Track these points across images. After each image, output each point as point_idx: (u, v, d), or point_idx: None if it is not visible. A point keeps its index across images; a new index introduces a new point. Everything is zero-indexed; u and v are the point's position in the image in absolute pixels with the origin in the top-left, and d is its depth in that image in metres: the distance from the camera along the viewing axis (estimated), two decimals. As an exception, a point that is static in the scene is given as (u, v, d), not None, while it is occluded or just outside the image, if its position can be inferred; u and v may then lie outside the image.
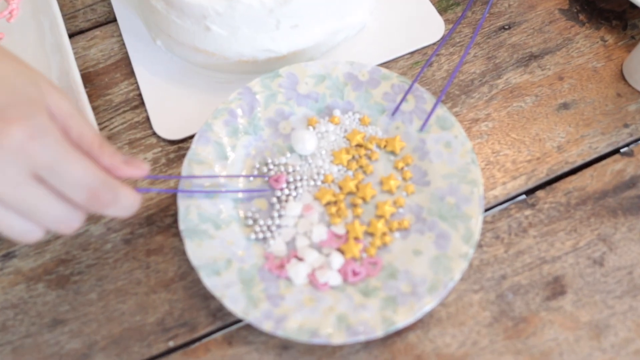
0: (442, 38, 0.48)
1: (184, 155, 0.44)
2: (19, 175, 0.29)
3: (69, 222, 0.32)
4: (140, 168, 0.34)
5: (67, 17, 0.51)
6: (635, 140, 0.45)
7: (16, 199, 0.30)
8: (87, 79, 0.48)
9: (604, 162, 0.44)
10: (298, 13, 0.42)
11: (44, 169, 0.29)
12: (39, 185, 0.30)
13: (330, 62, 0.44)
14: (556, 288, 0.40)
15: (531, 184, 0.43)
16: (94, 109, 0.47)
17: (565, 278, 0.40)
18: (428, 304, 0.37)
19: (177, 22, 0.44)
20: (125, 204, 0.32)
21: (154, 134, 0.45)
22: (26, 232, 0.31)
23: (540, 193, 0.43)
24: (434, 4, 0.50)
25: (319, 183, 0.42)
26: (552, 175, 0.43)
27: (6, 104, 0.29)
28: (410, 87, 0.43)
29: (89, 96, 0.47)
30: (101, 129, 0.46)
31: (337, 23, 0.46)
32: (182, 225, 0.39)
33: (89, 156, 0.32)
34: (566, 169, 0.44)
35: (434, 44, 0.48)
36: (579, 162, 0.44)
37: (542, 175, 0.43)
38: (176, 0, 0.42)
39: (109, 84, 0.48)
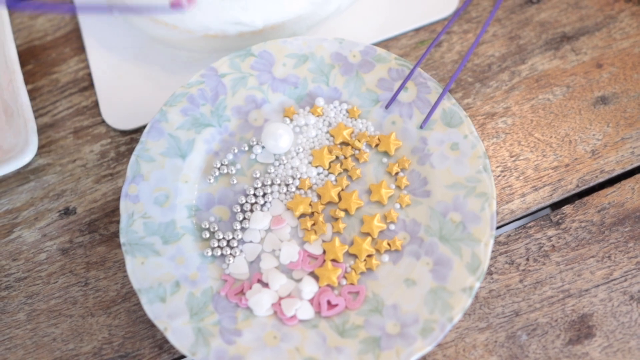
0: (455, 12, 0.39)
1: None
2: None
3: None
4: None
5: (15, -21, 0.43)
6: (690, 145, 0.35)
7: None
8: (32, 53, 0.40)
9: (648, 171, 0.35)
10: (274, -24, 0.33)
11: None
12: None
13: (314, 39, 0.35)
14: (582, 330, 0.31)
15: (557, 197, 0.34)
16: (37, 90, 0.38)
17: (593, 317, 0.31)
18: (419, 351, 0.28)
19: (132, -14, 0.36)
20: None
21: (103, 122, 0.37)
22: None
23: (567, 209, 0.34)
24: (446, -30, 0.40)
25: (293, 189, 0.33)
26: (584, 187, 0.34)
27: None
28: (412, 72, 0.34)
29: (32, 74, 0.39)
30: (43, 115, 0.38)
31: (324, -9, 0.36)
32: (123, 238, 0.31)
33: None
34: (601, 179, 0.34)
35: (444, 19, 0.39)
36: (618, 171, 0.35)
37: (571, 187, 0.34)
38: (126, -42, 0.33)
39: (56, 60, 0.39)
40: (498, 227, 0.34)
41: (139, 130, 0.37)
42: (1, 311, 0.33)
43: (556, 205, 0.34)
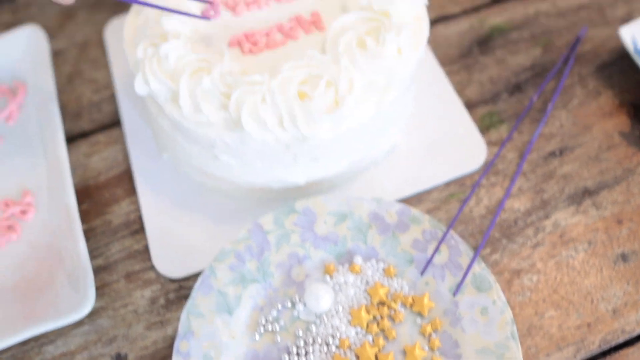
0: (485, 165, 0.41)
1: (185, 297, 0.39)
2: None
3: None
4: None
5: (71, 116, 0.46)
6: None
7: None
8: (87, 193, 0.43)
9: (668, 329, 0.37)
10: (319, 148, 0.36)
11: None
12: None
13: (353, 199, 0.38)
14: None
15: (580, 357, 0.36)
16: (91, 230, 0.41)
17: None
18: None
19: (184, 144, 0.39)
20: None
21: (153, 267, 0.40)
22: None
23: (591, 368, 0.36)
24: (475, 121, 0.43)
25: (333, 348, 0.35)
26: (606, 347, 0.36)
27: None
28: (444, 236, 0.37)
29: (87, 214, 0.42)
30: (97, 256, 0.40)
31: (363, 152, 0.39)
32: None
33: None
34: (622, 339, 0.36)
35: (473, 172, 0.41)
36: (638, 331, 0.37)
37: (593, 347, 0.36)
38: (181, 125, 0.36)
39: (109, 200, 0.42)
40: (525, 384, 0.36)
41: (188, 279, 0.39)
42: None
43: (580, 365, 0.36)
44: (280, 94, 0.34)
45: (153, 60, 0.36)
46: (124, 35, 0.40)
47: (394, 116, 0.39)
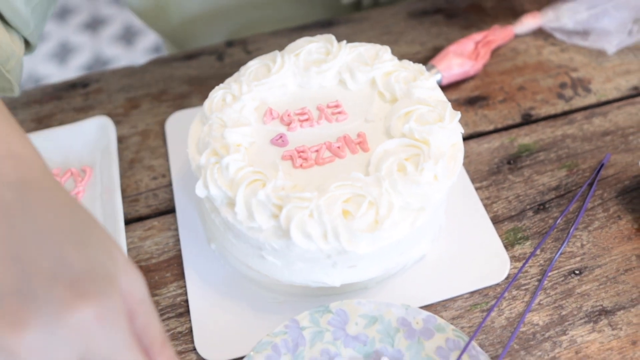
0: (507, 280, 0.48)
1: (223, 382, 0.46)
2: (66, 357, 0.28)
3: None
4: None
5: (129, 200, 0.55)
6: None
7: None
8: (139, 274, 0.51)
9: None
10: (356, 258, 0.44)
11: (96, 358, 0.29)
12: None
13: (383, 304, 0.45)
14: None
15: None
16: (141, 309, 0.49)
17: None
18: None
19: (233, 241, 0.46)
20: None
21: (194, 349, 0.47)
22: None
23: None
24: (500, 236, 0.50)
25: None
26: None
27: (82, 273, 0.29)
28: (466, 347, 0.43)
29: (138, 294, 0.50)
30: (144, 334, 0.48)
31: (395, 260, 0.46)
32: None
33: (147, 354, 0.30)
34: None
35: (496, 285, 0.48)
36: None
37: None
38: (234, 227, 0.44)
39: (159, 283, 0.50)
40: None
41: (226, 362, 0.46)
42: None
43: None
44: (326, 211, 0.42)
45: (214, 169, 0.45)
46: (188, 141, 0.49)
47: (426, 230, 0.47)
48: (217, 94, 0.50)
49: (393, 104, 0.49)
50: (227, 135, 0.46)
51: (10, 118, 0.35)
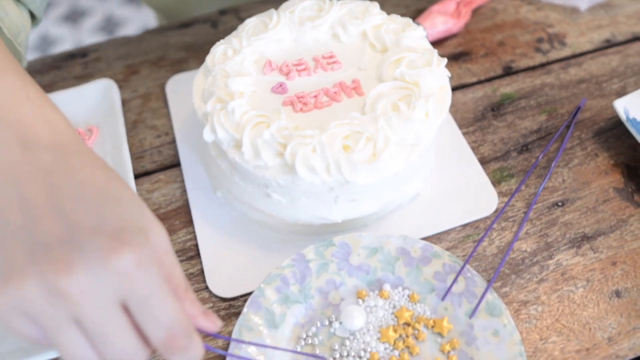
0: (496, 212, 0.52)
1: (234, 314, 0.49)
2: (109, 298, 0.31)
3: (132, 359, 0.33)
4: (214, 323, 0.37)
5: (135, 157, 0.58)
6: (690, 338, 0.47)
7: (96, 322, 0.31)
8: (148, 223, 0.54)
9: (656, 358, 0.46)
10: (357, 190, 0.47)
11: (136, 300, 0.32)
12: (122, 314, 0.32)
13: (383, 236, 0.49)
14: None
15: (579, 378, 0.46)
16: (152, 255, 0.52)
17: None
18: None
19: (239, 183, 0.50)
20: (194, 354, 0.34)
21: (207, 288, 0.50)
22: None
23: (588, 389, 0.45)
24: (488, 175, 0.55)
25: (365, 361, 0.45)
26: (602, 370, 0.46)
27: (120, 226, 0.32)
28: (461, 269, 0.47)
29: (148, 241, 0.53)
30: (157, 277, 0.51)
31: (392, 196, 0.50)
32: (228, 396, 0.43)
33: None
34: (617, 364, 0.46)
35: (486, 217, 0.52)
36: (631, 356, 0.46)
37: (591, 370, 0.46)
38: (240, 167, 0.48)
39: (169, 230, 0.53)
40: (531, 401, 0.45)
41: (236, 298, 0.49)
42: None
43: (579, 386, 0.46)
44: (328, 146, 0.46)
45: (220, 114, 0.48)
46: (193, 92, 0.52)
47: (419, 167, 0.51)
48: (219, 48, 0.53)
49: (384, 54, 0.53)
50: (230, 84, 0.50)
51: (37, 86, 0.38)
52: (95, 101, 0.59)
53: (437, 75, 0.51)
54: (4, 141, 0.34)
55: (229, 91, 0.50)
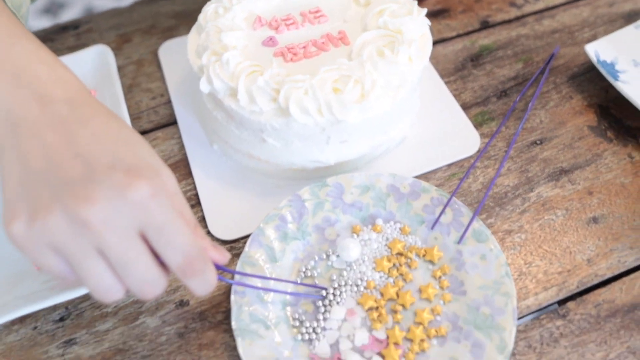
0: (479, 152, 0.56)
1: (236, 255, 0.51)
2: (129, 227, 0.34)
3: (153, 285, 0.36)
4: (223, 255, 0.40)
5: (132, 118, 0.60)
6: (663, 256, 0.50)
7: (118, 251, 0.34)
8: (149, 177, 0.56)
9: (632, 275, 0.50)
10: (347, 131, 0.50)
11: (154, 228, 0.34)
12: (142, 243, 0.35)
13: (374, 174, 0.52)
14: (587, 400, 0.45)
15: (562, 295, 0.49)
16: (154, 206, 0.54)
17: (596, 391, 0.45)
18: (464, 412, 0.42)
19: (235, 131, 0.53)
20: (209, 278, 0.37)
21: (209, 233, 0.53)
22: (110, 289, 0.35)
23: (571, 304, 0.49)
24: (470, 119, 0.58)
25: (362, 289, 0.48)
26: (583, 287, 0.49)
27: (134, 164, 0.35)
28: (448, 201, 0.50)
29: (150, 194, 0.55)
30: (160, 226, 0.53)
31: (381, 137, 0.53)
32: (234, 325, 0.46)
33: None
34: (596, 281, 0.49)
35: (470, 157, 0.56)
36: (608, 275, 0.50)
37: (572, 287, 0.49)
38: (236, 114, 0.50)
39: (169, 183, 0.56)
40: (518, 319, 0.48)
41: (237, 240, 0.52)
42: (132, 383, 0.47)
43: (562, 302, 0.49)
44: (319, 89, 0.49)
45: (215, 65, 0.51)
46: (187, 48, 0.55)
47: (404, 110, 0.54)
48: (210, 7, 0.56)
49: (367, 7, 0.56)
50: (223, 38, 0.52)
51: (48, 50, 0.41)
52: (91, 67, 0.61)
53: (418, 24, 0.54)
54: (23, 98, 0.37)
55: (222, 44, 0.52)
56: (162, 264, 0.37)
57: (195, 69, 0.53)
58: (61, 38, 0.68)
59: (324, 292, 0.48)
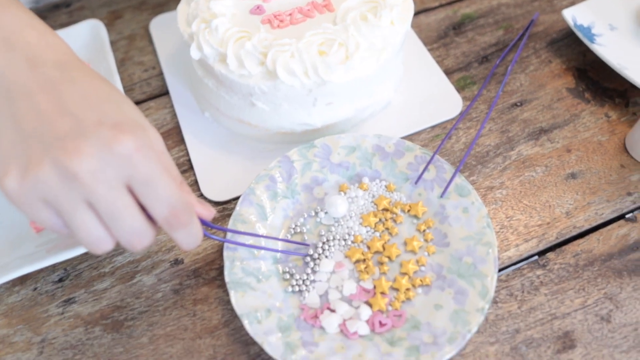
0: (460, 114, 0.58)
1: (228, 215, 0.53)
2: (116, 179, 0.35)
3: (141, 236, 0.37)
4: (209, 210, 0.42)
5: (126, 90, 0.62)
6: (639, 208, 0.52)
7: (106, 202, 0.35)
8: (142, 145, 0.58)
9: (609, 227, 0.52)
10: (333, 92, 0.52)
11: (139, 181, 0.35)
12: (129, 195, 0.36)
13: (359, 135, 0.54)
14: (566, 342, 0.47)
15: (542, 247, 0.51)
16: (148, 172, 0.56)
17: (574, 333, 0.47)
18: (448, 353, 0.44)
19: (225, 97, 0.54)
20: (194, 230, 0.39)
21: (202, 195, 0.54)
22: (100, 240, 0.36)
23: (550, 255, 0.51)
24: (452, 83, 0.60)
25: (349, 243, 0.50)
26: (562, 239, 0.51)
27: (121, 120, 0.36)
28: (432, 158, 0.52)
29: (143, 161, 0.57)
30: (154, 190, 0.55)
31: (366, 100, 0.55)
32: (227, 278, 0.47)
33: None
34: (574, 233, 0.51)
35: (452, 119, 0.58)
36: (586, 226, 0.52)
37: (552, 239, 0.51)
38: (226, 79, 0.52)
39: (162, 150, 0.57)
40: (500, 269, 0.50)
41: (229, 202, 0.54)
42: (129, 336, 0.48)
43: (542, 253, 0.51)
44: (305, 51, 0.50)
45: (205, 32, 0.53)
46: (177, 17, 0.56)
47: (388, 73, 0.56)
48: (198, -22, 0.58)
49: (351, -24, 0.58)
50: (212, 6, 0.54)
51: (39, 18, 0.43)
52: (84, 41, 0.63)
53: (400, -10, 0.56)
54: (15, 62, 0.39)
55: (211, 12, 0.54)
56: (150, 218, 0.38)
57: (185, 37, 0.54)
58: (53, 16, 0.70)
59: (310, 251, 0.49)
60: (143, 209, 0.38)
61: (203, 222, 0.42)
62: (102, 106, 0.37)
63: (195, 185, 0.55)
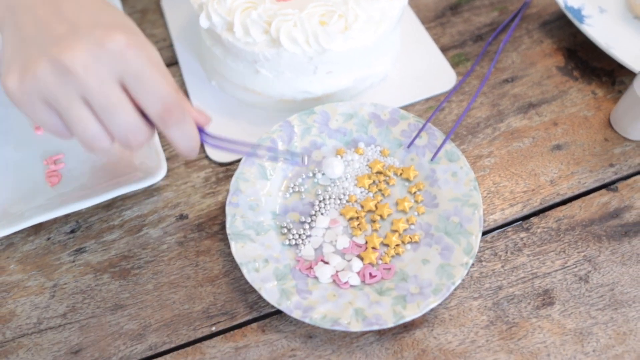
0: (454, 87, 0.60)
1: (231, 175, 0.56)
2: (109, 75, 0.36)
3: (137, 132, 0.38)
4: (205, 116, 0.43)
5: (137, 60, 0.65)
6: (620, 179, 0.55)
7: (100, 96, 0.36)
8: (152, 110, 0.61)
9: (591, 195, 0.54)
10: (333, 61, 0.55)
11: (132, 76, 0.36)
12: (122, 91, 0.37)
13: (357, 104, 0.56)
14: (545, 299, 0.49)
15: (526, 211, 0.53)
16: (160, 133, 0.59)
17: (554, 291, 0.50)
18: (432, 303, 0.47)
19: (231, 65, 0.57)
20: (188, 129, 0.39)
21: (207, 157, 0.57)
22: (97, 137, 0.37)
23: (534, 219, 0.53)
24: (447, 59, 0.63)
25: (344, 202, 0.53)
26: (545, 205, 0.54)
27: (114, 23, 0.38)
28: (424, 125, 0.55)
29: (153, 125, 0.60)
30: (164, 151, 0.58)
31: (364, 71, 0.58)
32: (229, 230, 0.50)
33: None
34: (557, 199, 0.54)
35: (446, 92, 0.60)
36: (569, 194, 0.54)
37: (536, 204, 0.54)
38: (233, 47, 0.55)
39: (170, 115, 0.60)
40: (486, 232, 0.53)
41: (232, 163, 0.57)
42: (135, 283, 0.51)
43: (526, 217, 0.53)
44: (307, 21, 0.53)
45: (214, 2, 0.56)
46: (188, -10, 0.59)
47: (385, 46, 0.59)
48: (209, -47, 0.61)
49: (353, -45, 0.61)
50: (220, -21, 0.57)
51: None
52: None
53: (399, -32, 0.58)
54: None
55: (219, -15, 0.57)
56: (146, 120, 0.39)
57: (195, 7, 0.57)
58: (71, -10, 0.73)
59: (305, 159, 0.47)
60: (140, 111, 0.39)
61: (201, 131, 0.43)
62: (98, 14, 0.39)
63: (201, 147, 0.58)
